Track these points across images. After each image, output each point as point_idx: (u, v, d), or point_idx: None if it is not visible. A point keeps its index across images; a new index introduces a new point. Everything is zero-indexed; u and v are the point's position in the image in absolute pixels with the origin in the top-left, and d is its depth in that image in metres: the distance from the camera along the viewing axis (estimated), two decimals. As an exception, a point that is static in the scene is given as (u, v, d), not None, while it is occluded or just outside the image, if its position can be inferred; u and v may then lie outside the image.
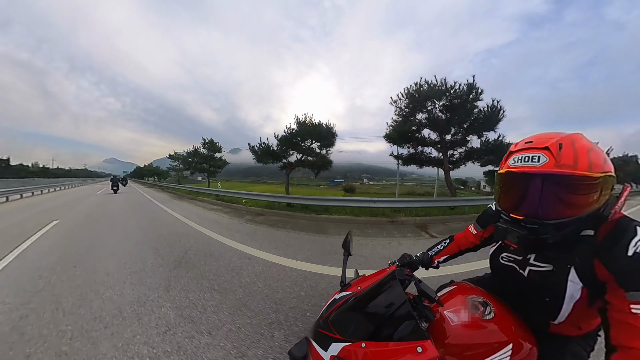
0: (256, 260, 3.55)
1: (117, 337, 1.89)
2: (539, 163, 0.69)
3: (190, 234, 5.19)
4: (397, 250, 4.12)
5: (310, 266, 3.28)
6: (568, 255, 0.71)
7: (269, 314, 2.18)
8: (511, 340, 0.74)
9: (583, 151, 0.67)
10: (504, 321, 0.78)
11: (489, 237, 1.09)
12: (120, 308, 2.29)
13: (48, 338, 1.89)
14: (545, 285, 0.75)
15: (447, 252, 1.21)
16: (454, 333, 0.77)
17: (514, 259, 0.86)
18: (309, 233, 5.30)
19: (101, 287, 2.70)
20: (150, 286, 2.72)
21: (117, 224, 6.22)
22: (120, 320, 2.11)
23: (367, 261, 3.54)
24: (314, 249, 4.11)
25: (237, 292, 2.59)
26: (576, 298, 0.69)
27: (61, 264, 3.39)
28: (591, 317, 0.75)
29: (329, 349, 0.75)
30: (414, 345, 0.66)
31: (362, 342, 0.71)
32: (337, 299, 0.95)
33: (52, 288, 2.69)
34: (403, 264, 1.14)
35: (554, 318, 0.75)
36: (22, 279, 2.93)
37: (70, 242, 4.54)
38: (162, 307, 2.31)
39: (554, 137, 0.70)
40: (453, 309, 0.83)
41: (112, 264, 3.39)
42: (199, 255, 3.80)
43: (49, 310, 2.27)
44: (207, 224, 6.24)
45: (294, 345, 0.82)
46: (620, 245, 0.62)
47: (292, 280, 2.88)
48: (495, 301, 0.85)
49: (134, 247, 4.19)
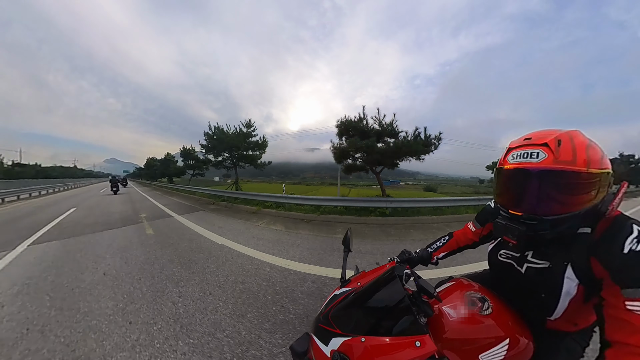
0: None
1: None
2: (537, 159, 0.69)
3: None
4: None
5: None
6: (565, 253, 0.72)
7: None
8: (508, 335, 0.75)
9: (582, 147, 0.68)
10: (501, 317, 0.79)
11: (487, 234, 1.10)
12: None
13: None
14: (542, 281, 0.76)
15: (446, 248, 1.22)
16: (452, 328, 0.78)
17: (512, 255, 0.87)
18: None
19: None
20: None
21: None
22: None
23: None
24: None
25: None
26: (572, 295, 0.70)
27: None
28: (587, 313, 0.76)
29: (329, 344, 0.76)
30: (413, 339, 0.67)
31: (362, 337, 0.72)
32: (337, 295, 0.96)
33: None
34: (402, 260, 1.15)
35: (550, 314, 0.76)
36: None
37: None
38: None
39: (552, 134, 0.71)
40: (451, 305, 0.84)
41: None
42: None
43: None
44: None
45: (295, 341, 0.83)
46: (616, 242, 0.62)
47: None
48: (493, 297, 0.86)
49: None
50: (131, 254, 3.77)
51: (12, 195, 12.99)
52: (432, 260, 1.22)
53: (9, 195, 12.64)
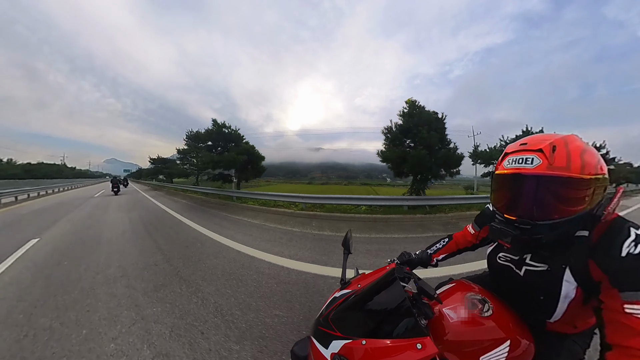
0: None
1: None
2: (532, 165, 0.70)
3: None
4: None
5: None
6: (563, 256, 0.72)
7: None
8: (509, 337, 0.75)
9: (576, 153, 0.68)
10: (502, 318, 0.79)
11: (486, 236, 1.11)
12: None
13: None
14: (541, 284, 0.76)
15: (445, 250, 1.22)
16: (452, 330, 0.78)
17: (511, 258, 0.87)
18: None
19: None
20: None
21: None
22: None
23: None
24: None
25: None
26: (571, 297, 0.70)
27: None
28: (586, 315, 0.77)
29: (329, 347, 0.76)
30: (414, 342, 0.67)
31: (363, 340, 0.72)
32: (337, 297, 0.96)
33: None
34: (402, 262, 1.15)
35: (549, 316, 0.76)
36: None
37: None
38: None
39: (548, 139, 0.71)
40: (452, 306, 0.84)
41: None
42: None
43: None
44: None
45: (295, 344, 0.82)
46: (614, 246, 0.63)
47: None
48: (493, 298, 0.86)
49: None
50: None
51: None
52: (432, 262, 1.21)
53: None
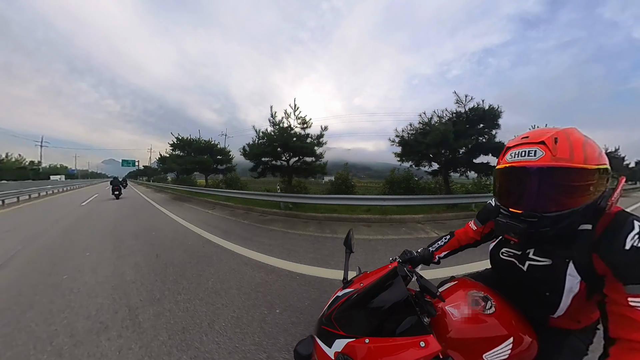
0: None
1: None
2: (535, 157, 0.70)
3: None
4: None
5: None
6: (566, 250, 0.72)
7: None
8: (512, 334, 0.75)
9: (578, 144, 0.68)
10: (505, 315, 0.79)
11: (489, 232, 1.11)
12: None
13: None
14: (544, 279, 0.75)
15: (447, 247, 1.22)
16: (455, 327, 0.78)
17: (514, 253, 0.87)
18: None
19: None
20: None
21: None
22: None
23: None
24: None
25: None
26: (575, 292, 0.70)
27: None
28: (590, 310, 0.76)
29: (333, 346, 0.76)
30: (417, 339, 0.67)
31: (366, 338, 0.72)
32: (339, 296, 0.96)
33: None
34: (404, 260, 1.15)
35: (553, 312, 0.76)
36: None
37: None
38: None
39: (549, 132, 0.72)
40: (454, 304, 0.84)
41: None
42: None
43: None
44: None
45: (298, 343, 0.83)
46: (618, 239, 0.62)
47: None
48: (496, 296, 0.86)
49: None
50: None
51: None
52: (434, 259, 1.22)
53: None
